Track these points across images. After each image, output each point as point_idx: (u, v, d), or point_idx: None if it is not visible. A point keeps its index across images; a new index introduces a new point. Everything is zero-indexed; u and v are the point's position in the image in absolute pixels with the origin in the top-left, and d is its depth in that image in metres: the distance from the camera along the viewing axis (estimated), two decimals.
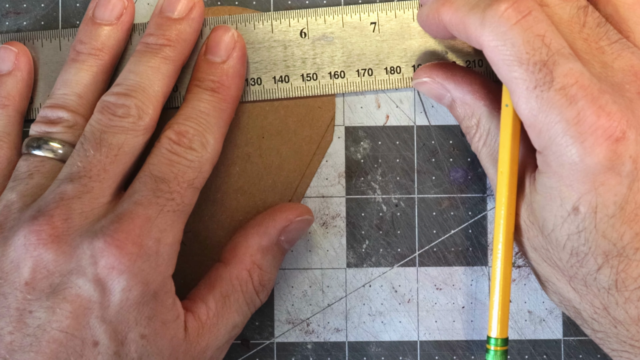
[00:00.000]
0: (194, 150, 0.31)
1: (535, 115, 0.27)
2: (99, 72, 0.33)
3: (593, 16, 0.29)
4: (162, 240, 0.29)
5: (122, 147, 0.31)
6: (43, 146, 0.32)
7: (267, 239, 0.33)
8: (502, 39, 0.27)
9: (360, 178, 0.36)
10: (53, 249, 0.28)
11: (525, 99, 0.27)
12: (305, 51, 0.35)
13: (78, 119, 0.32)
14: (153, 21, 0.33)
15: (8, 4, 0.36)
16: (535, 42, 0.27)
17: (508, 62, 0.27)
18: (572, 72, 0.26)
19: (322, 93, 0.35)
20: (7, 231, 0.29)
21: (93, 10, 0.34)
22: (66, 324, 0.28)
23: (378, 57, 0.35)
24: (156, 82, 0.32)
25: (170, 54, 0.33)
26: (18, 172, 0.32)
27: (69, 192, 0.29)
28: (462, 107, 0.33)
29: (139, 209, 0.29)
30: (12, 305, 0.28)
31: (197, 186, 0.31)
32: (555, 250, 0.29)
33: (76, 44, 0.34)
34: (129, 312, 0.28)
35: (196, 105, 0.32)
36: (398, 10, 0.35)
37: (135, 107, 0.31)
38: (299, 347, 0.36)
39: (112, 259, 0.28)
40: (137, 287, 0.28)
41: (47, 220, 0.29)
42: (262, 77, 0.35)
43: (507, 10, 0.27)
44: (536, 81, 0.27)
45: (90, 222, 0.29)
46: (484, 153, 0.32)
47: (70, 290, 0.28)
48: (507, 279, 0.31)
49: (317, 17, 0.35)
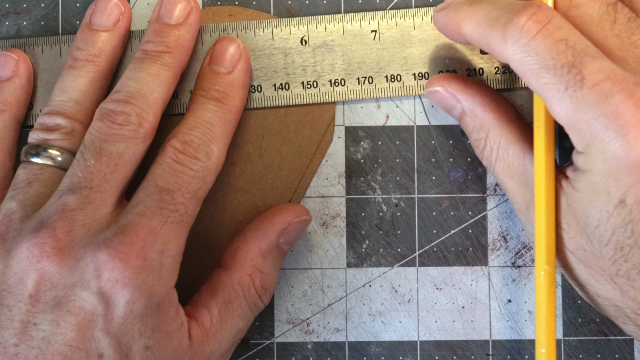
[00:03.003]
0: (199, 160, 0.31)
1: (572, 115, 0.27)
2: (96, 78, 0.33)
3: (623, 12, 0.29)
4: (165, 252, 0.29)
5: (122, 155, 0.30)
6: (42, 153, 0.32)
7: (266, 242, 0.33)
8: (526, 51, 0.27)
9: (360, 178, 0.36)
10: (56, 262, 0.28)
11: (559, 102, 0.27)
12: (305, 59, 0.35)
13: (76, 125, 0.32)
14: (151, 28, 0.33)
15: (8, 4, 0.36)
16: (559, 47, 0.27)
17: (535, 70, 0.27)
18: (602, 69, 0.26)
19: (322, 101, 0.35)
20: (10, 242, 0.29)
21: (90, 16, 0.34)
22: (71, 337, 0.28)
23: (378, 65, 0.35)
24: (156, 89, 0.32)
25: (169, 60, 0.32)
26: (17, 181, 0.31)
27: (70, 203, 0.29)
28: (471, 119, 0.33)
29: (143, 220, 0.29)
30: (16, 317, 0.28)
31: (201, 197, 0.31)
32: (598, 247, 0.28)
33: (73, 51, 0.34)
34: (133, 324, 0.28)
35: (201, 115, 0.32)
36: (399, 19, 0.35)
37: (135, 114, 0.31)
38: (299, 347, 0.36)
39: (116, 272, 0.28)
40: (141, 299, 0.28)
41: (49, 232, 0.28)
42: (262, 85, 0.35)
43: (527, 22, 0.27)
44: (567, 83, 0.27)
45: (93, 233, 0.29)
46: (499, 167, 0.32)
47: (74, 303, 0.28)
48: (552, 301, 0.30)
49: (318, 25, 0.35)
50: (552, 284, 0.30)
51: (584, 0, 0.29)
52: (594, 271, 0.29)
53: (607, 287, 0.29)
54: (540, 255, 0.30)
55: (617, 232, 0.27)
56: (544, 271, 0.30)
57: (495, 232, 0.36)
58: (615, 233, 0.28)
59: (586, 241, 0.29)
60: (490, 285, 0.36)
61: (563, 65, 0.27)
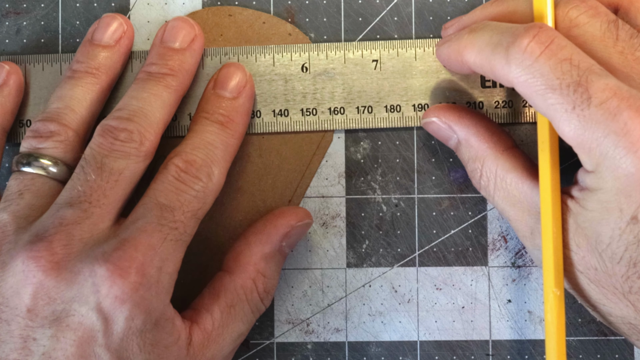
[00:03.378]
0: (201, 180, 0.31)
1: (581, 134, 0.27)
2: (94, 90, 0.33)
3: (624, 29, 0.29)
4: (163, 269, 0.29)
5: (123, 172, 0.30)
6: (33, 163, 0.31)
7: (269, 247, 0.33)
8: (530, 72, 0.27)
9: (360, 178, 0.36)
10: (53, 276, 0.28)
11: (567, 122, 0.27)
12: (305, 86, 0.35)
13: (70, 133, 0.32)
14: (154, 51, 0.33)
15: (8, 4, 0.36)
16: (563, 66, 0.27)
17: (541, 92, 0.27)
18: (608, 87, 0.26)
19: (321, 128, 0.35)
20: (4, 255, 0.29)
21: (92, 33, 0.34)
22: (71, 352, 0.28)
23: (378, 94, 0.35)
24: (157, 109, 0.32)
25: (172, 82, 0.33)
26: (9, 192, 0.31)
27: (68, 217, 0.29)
28: (466, 149, 0.33)
29: (143, 236, 0.29)
30: (15, 332, 0.28)
31: (199, 217, 0.31)
32: (610, 265, 0.28)
33: (73, 64, 0.34)
34: (133, 340, 0.28)
35: (204, 136, 0.32)
36: (400, 49, 0.35)
37: (137, 132, 0.31)
38: (299, 347, 0.36)
39: (115, 288, 0.28)
40: (140, 316, 0.28)
41: (46, 246, 0.28)
42: (261, 110, 0.35)
43: (529, 44, 0.27)
44: (574, 102, 0.26)
45: (90, 247, 0.29)
46: (498, 197, 0.32)
47: (74, 318, 0.28)
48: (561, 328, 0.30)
49: (319, 52, 0.35)
50: (562, 306, 0.30)
51: (585, 19, 0.29)
52: (606, 290, 0.29)
53: (620, 306, 0.29)
54: (549, 278, 0.30)
55: (630, 249, 0.27)
56: (553, 294, 0.30)
57: (495, 232, 0.36)
58: (628, 250, 0.27)
59: (597, 260, 0.28)
60: (490, 285, 0.36)
61: (569, 84, 0.27)
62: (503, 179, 0.31)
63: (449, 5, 0.36)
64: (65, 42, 0.36)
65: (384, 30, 0.36)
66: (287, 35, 0.36)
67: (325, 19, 0.36)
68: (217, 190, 0.32)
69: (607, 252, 0.28)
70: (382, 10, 0.36)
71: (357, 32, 0.36)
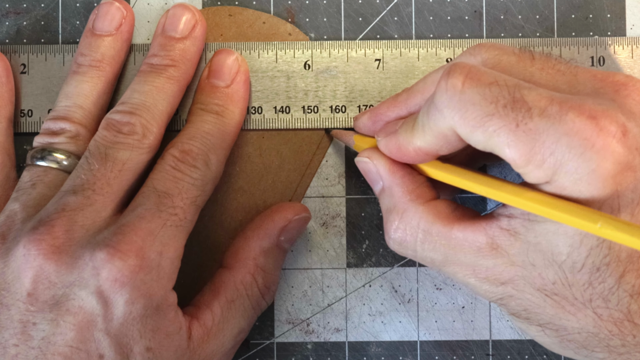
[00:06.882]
0: (198, 169, 0.31)
1: (530, 149, 0.25)
2: (100, 83, 0.34)
3: (537, 51, 0.29)
4: (164, 254, 0.29)
5: (126, 162, 0.31)
6: (47, 157, 0.32)
7: (268, 241, 0.33)
8: (461, 107, 0.26)
9: (360, 178, 0.36)
10: (54, 260, 0.28)
11: (514, 142, 0.25)
12: (308, 83, 0.35)
13: (80, 129, 0.33)
14: (156, 41, 0.34)
15: (8, 4, 0.36)
16: (492, 90, 0.26)
17: (479, 122, 0.26)
18: (543, 96, 0.26)
19: (322, 126, 0.35)
20: (10, 242, 0.29)
21: (93, 22, 0.34)
22: (70, 337, 0.28)
23: (380, 94, 0.35)
24: (160, 102, 0.32)
25: (174, 74, 0.33)
26: (21, 183, 0.32)
27: (71, 203, 0.29)
28: (389, 198, 0.31)
29: (142, 222, 0.29)
30: (15, 317, 0.28)
31: (199, 204, 0.31)
32: (571, 275, 0.27)
33: (77, 57, 0.34)
34: (133, 325, 0.28)
35: (200, 126, 0.32)
36: (403, 49, 0.35)
37: (140, 125, 0.31)
38: (299, 347, 0.36)
39: (114, 270, 0.28)
40: (140, 300, 0.28)
41: (47, 230, 0.28)
42: (263, 106, 0.35)
43: (448, 81, 0.26)
44: (515, 119, 0.25)
45: (91, 234, 0.29)
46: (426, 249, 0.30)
47: (74, 302, 0.28)
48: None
49: (322, 50, 0.35)
50: None
51: (495, 52, 0.29)
52: (566, 301, 0.28)
53: (578, 316, 0.28)
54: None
55: (593, 253, 0.26)
56: None
57: None
58: (590, 255, 0.26)
59: (556, 273, 0.27)
60: None
61: (505, 104, 0.25)
62: (428, 231, 0.30)
63: (449, 5, 0.36)
64: (65, 42, 0.36)
65: (384, 30, 0.36)
66: (287, 35, 0.36)
67: (326, 19, 0.36)
68: (216, 178, 0.32)
69: (567, 262, 0.27)
70: (382, 10, 0.36)
71: (357, 32, 0.36)
